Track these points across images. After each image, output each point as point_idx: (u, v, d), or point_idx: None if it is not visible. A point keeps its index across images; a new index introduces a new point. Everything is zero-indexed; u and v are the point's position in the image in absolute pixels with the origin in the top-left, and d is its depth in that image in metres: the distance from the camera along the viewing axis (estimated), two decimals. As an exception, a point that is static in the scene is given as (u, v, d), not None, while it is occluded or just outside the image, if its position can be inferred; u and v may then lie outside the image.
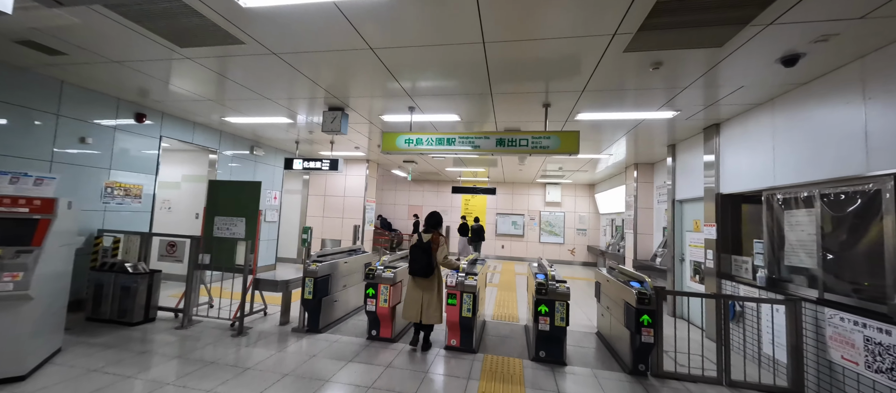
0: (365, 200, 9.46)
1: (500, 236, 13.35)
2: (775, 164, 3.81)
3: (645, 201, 7.96)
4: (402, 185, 14.28)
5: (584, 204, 12.87)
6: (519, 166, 9.54)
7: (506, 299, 6.73)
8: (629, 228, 8.33)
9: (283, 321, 4.57)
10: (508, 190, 13.44)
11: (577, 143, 4.21)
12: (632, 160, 7.96)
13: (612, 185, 10.41)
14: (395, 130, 5.46)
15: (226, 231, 4.72)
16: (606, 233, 11.76)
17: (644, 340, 3.36)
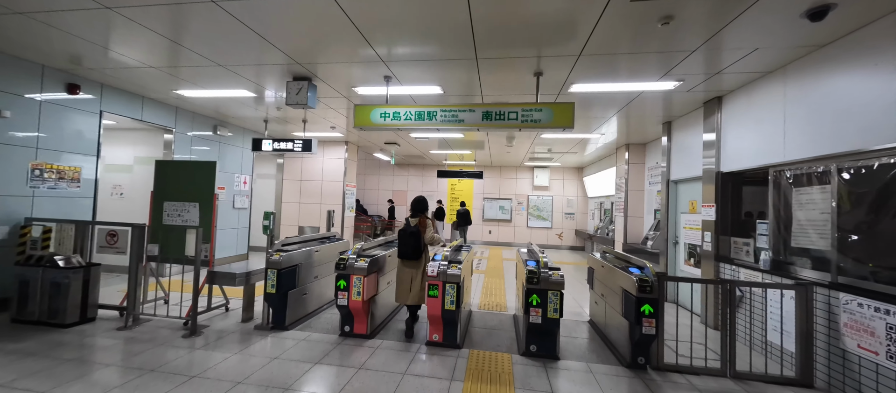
0: (344, 185, 8.91)
1: (488, 221, 13.03)
2: (786, 138, 3.49)
3: (636, 183, 7.69)
4: (385, 169, 13.71)
5: (573, 188, 12.63)
6: (506, 148, 9.13)
7: (493, 287, 6.40)
8: (619, 211, 8.08)
9: (246, 317, 4.09)
10: (496, 174, 13.05)
11: (571, 116, 3.80)
12: (623, 140, 7.64)
13: (601, 167, 10.14)
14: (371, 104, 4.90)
15: (177, 218, 4.16)
16: (595, 216, 11.57)
17: (645, 331, 3.05)
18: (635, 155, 7.73)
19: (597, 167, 10.61)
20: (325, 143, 8.99)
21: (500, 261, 9.33)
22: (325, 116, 6.46)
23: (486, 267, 8.32)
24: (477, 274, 7.46)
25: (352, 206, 9.35)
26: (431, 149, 9.83)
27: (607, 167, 9.55)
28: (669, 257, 5.74)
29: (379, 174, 13.79)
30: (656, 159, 7.04)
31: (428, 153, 10.59)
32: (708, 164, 4.65)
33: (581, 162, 11.47)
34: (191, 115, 6.39)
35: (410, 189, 13.57)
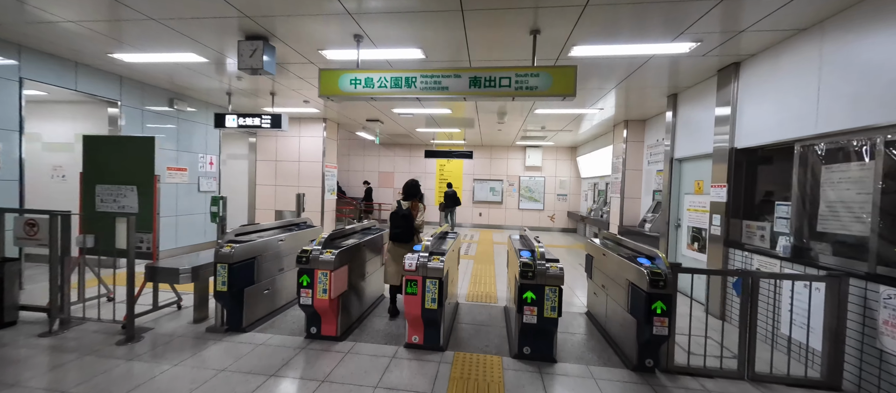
0: (323, 166, 8.26)
1: (478, 203, 12.57)
2: (819, 107, 3.02)
3: (634, 162, 7.25)
4: (370, 149, 13.02)
5: (566, 168, 12.19)
6: (498, 125, 8.55)
7: (483, 275, 5.97)
8: (615, 191, 7.67)
9: (199, 318, 3.56)
10: (486, 154, 12.50)
11: (573, 82, 3.25)
12: (622, 117, 7.14)
13: (596, 146, 9.68)
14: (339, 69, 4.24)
15: (112, 204, 3.55)
16: (588, 198, 11.21)
17: (656, 332, 2.63)
18: (634, 132, 7.25)
19: (592, 146, 10.15)
20: (301, 120, 8.26)
21: (491, 245, 8.91)
22: (295, 88, 5.76)
23: (475, 252, 7.90)
24: (466, 260, 7.03)
25: (332, 188, 8.73)
26: (418, 127, 9.19)
27: (603, 146, 9.09)
28: (670, 241, 5.36)
29: (364, 155, 13.10)
30: (657, 136, 6.58)
31: (414, 132, 9.95)
32: (720, 139, 4.19)
33: (575, 141, 10.99)
34: (139, 87, 5.62)
35: (397, 171, 12.96)
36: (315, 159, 8.26)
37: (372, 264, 4.14)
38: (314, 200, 8.27)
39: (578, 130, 8.95)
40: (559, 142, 11.07)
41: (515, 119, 7.73)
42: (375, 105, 6.88)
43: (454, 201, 11.15)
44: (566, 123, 8.07)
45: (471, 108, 6.92)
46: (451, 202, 11.10)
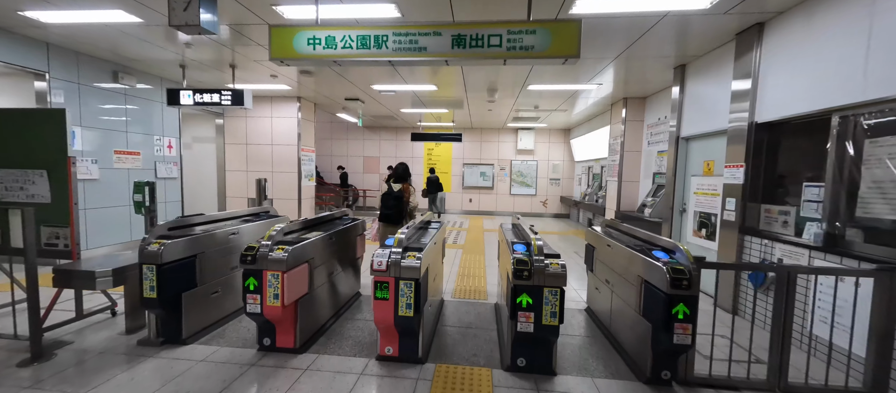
0: (299, 149, 7.59)
1: (468, 189, 12.05)
2: (868, 70, 2.54)
3: (633, 143, 6.79)
4: (354, 132, 12.31)
5: (559, 151, 11.71)
6: (487, 105, 7.96)
7: (472, 266, 5.50)
8: (612, 174, 7.22)
9: (133, 327, 3.00)
10: (476, 137, 11.92)
11: (576, 40, 2.69)
12: (621, 94, 6.63)
13: (592, 127, 9.18)
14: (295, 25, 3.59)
15: (19, 192, 2.91)
16: (582, 182, 10.78)
17: (678, 340, 2.17)
18: (633, 111, 6.76)
19: (587, 128, 9.65)
20: (273, 100, 7.53)
21: (481, 233, 8.44)
22: (257, 59, 5.07)
23: (464, 240, 7.42)
24: (453, 249, 6.54)
25: (310, 173, 8.09)
26: (403, 107, 8.54)
27: (599, 127, 8.60)
28: (674, 227, 4.94)
29: (347, 139, 12.38)
30: (659, 114, 6.10)
31: (399, 113, 9.29)
32: (737, 114, 3.71)
33: (568, 123, 10.48)
34: (74, 57, 4.86)
35: (383, 155, 12.31)
36: (289, 142, 7.57)
37: (343, 261, 3.60)
38: (289, 187, 7.63)
39: (573, 111, 8.43)
40: (552, 123, 10.54)
41: (507, 97, 7.15)
42: (353, 81, 6.22)
43: (437, 187, 10.65)
44: (560, 102, 7.53)
45: (459, 85, 6.31)
46: (433, 188, 10.60)
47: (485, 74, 5.66)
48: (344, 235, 3.61)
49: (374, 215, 4.30)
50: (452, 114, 9.64)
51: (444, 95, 7.18)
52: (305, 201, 7.89)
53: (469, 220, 10.63)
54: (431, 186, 10.85)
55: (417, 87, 6.36)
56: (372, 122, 11.03)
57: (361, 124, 10.30)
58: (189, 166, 7.72)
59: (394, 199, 3.94)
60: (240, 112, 7.59)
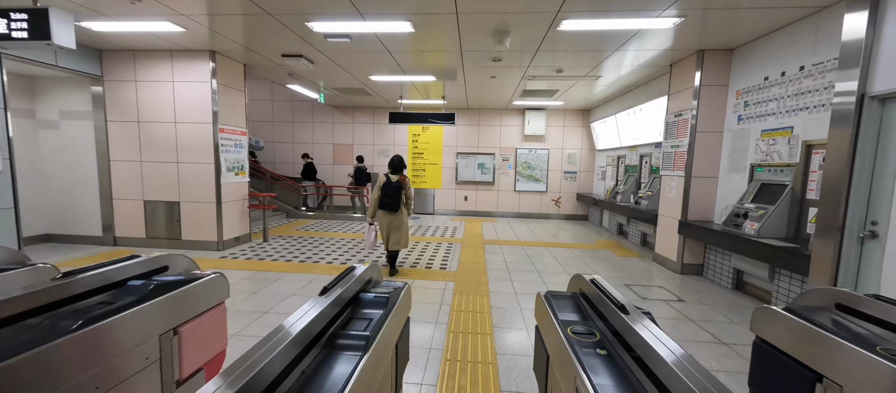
0: (216, 129, 5.20)
1: (463, 185, 9.77)
2: None
3: (710, 120, 4.54)
4: (321, 114, 9.90)
5: (575, 138, 9.44)
6: (492, 67, 5.63)
7: (469, 327, 3.21)
8: (672, 167, 4.98)
9: None
10: (473, 119, 9.59)
11: None
12: (692, 43, 4.35)
13: (624, 104, 6.92)
14: None
15: None
16: (605, 176, 8.56)
17: None
18: (713, 70, 4.49)
19: (618, 105, 7.38)
20: (173, 56, 5.10)
21: (480, 249, 6.16)
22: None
23: (458, 260, 5.14)
24: (438, 282, 4.25)
25: (238, 164, 5.71)
26: (374, 72, 6.17)
27: (640, 101, 6.34)
28: (845, 263, 2.71)
29: (312, 122, 9.97)
30: (768, 73, 3.84)
31: (370, 82, 6.91)
32: None
33: (588, 101, 8.20)
34: None
35: (358, 143, 9.93)
36: (201, 119, 5.17)
37: None
38: (203, 185, 5.26)
39: (603, 79, 6.13)
40: (570, 101, 8.25)
41: (522, 51, 4.83)
42: (285, 22, 3.84)
43: (366, 178, 9.00)
44: (593, 63, 5.22)
45: (450, 25, 3.96)
46: (361, 178, 8.91)
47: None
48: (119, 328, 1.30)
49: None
50: (443, 87, 7.30)
51: (429, 47, 4.82)
52: (230, 206, 5.53)
53: (464, 224, 8.36)
54: (360, 177, 8.77)
55: (383, 25, 3.98)
56: (340, 99, 8.64)
57: (323, 100, 7.93)
58: (57, 155, 5.31)
59: (394, 188, 4.28)
60: (126, 75, 5.16)
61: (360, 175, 8.96)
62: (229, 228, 5.49)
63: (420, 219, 9.04)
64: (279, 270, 4.47)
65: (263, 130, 10.12)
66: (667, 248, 5.04)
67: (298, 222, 7.97)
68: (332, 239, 6.35)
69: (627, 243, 6.65)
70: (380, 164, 9.84)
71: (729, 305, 3.71)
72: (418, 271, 4.56)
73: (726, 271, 4.28)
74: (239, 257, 4.99)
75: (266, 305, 3.40)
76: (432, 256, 5.30)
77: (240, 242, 5.76)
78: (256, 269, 4.50)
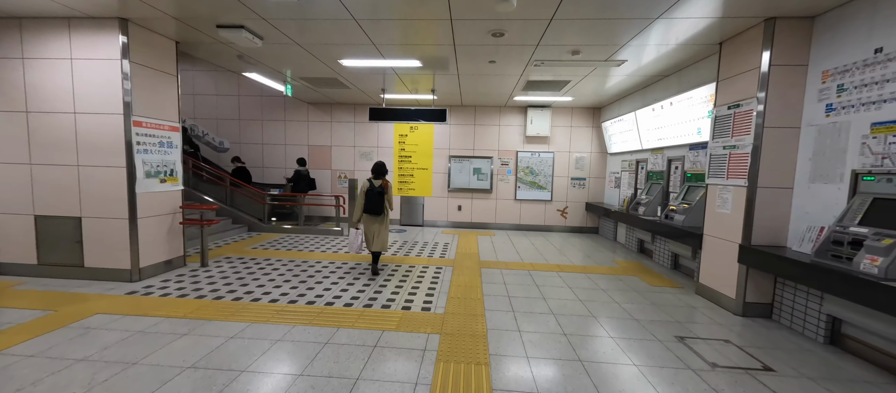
0: (129, 124, 3.96)
1: (456, 193, 8.57)
2: None
3: (782, 112, 3.41)
4: (295, 112, 8.68)
5: (584, 139, 8.31)
6: (491, 49, 4.48)
7: None
8: (727, 174, 3.83)
9: None
10: (468, 118, 8.43)
11: None
12: (757, 10, 3.22)
13: (645, 100, 5.80)
14: None
15: None
16: (618, 183, 7.43)
17: None
18: (789, 46, 3.36)
19: (639, 100, 6.25)
20: (70, 23, 3.86)
21: (476, 275, 4.95)
22: None
23: (444, 302, 3.92)
24: (416, 338, 3.04)
25: (167, 168, 4.46)
26: (343, 55, 4.99)
27: (662, 98, 5.21)
28: None
29: (284, 120, 8.75)
30: (878, 44, 2.71)
31: (341, 69, 5.73)
32: None
33: (599, 98, 7.09)
34: None
35: (336, 144, 8.72)
36: (109, 109, 3.93)
37: None
38: (112, 198, 4.00)
39: (629, 64, 5.00)
40: (579, 97, 7.13)
41: (515, 57, 3.67)
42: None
43: (308, 184, 7.95)
44: (620, 45, 4.08)
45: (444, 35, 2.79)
46: (303, 185, 7.79)
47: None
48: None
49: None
50: (433, 80, 6.14)
51: (409, 14, 3.65)
52: (154, 222, 4.27)
53: (456, 238, 7.15)
54: (300, 183, 7.66)
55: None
56: (313, 93, 7.43)
57: (290, 93, 6.72)
58: None
59: (376, 193, 4.43)
60: (9, 51, 3.92)
61: (300, 180, 7.74)
62: (151, 250, 4.23)
63: (407, 232, 7.82)
64: (210, 315, 3.23)
65: (229, 130, 8.88)
66: (718, 278, 3.88)
67: (260, 238, 6.71)
68: (296, 263, 5.10)
69: (654, 266, 5.49)
70: (362, 169, 8.63)
71: (848, 378, 2.53)
72: (392, 316, 3.35)
73: (813, 318, 3.12)
74: (155, 293, 3.74)
75: None
76: (413, 289, 4.09)
77: (171, 268, 4.51)
78: (172, 314, 3.25)
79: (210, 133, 8.90)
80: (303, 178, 7.79)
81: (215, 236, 6.40)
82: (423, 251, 5.99)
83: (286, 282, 4.21)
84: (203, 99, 8.83)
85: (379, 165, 4.54)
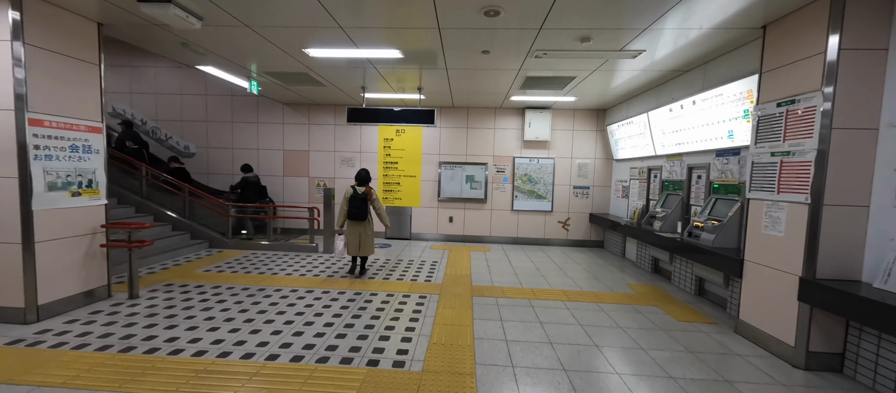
0: (24, 121, 3.12)
1: (447, 202, 7.78)
2: None
3: (855, 111, 2.66)
4: (269, 113, 7.85)
5: (587, 144, 7.58)
6: (480, 51, 3.71)
7: None
8: (778, 189, 3.07)
9: None
10: (459, 121, 7.66)
11: None
12: (841, -26, 2.48)
13: (659, 99, 5.07)
14: None
15: None
16: (628, 192, 6.68)
17: None
18: (863, 26, 2.63)
19: (654, 99, 5.54)
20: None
21: (466, 308, 4.16)
22: None
23: (424, 359, 3.11)
24: None
25: (83, 180, 3.60)
26: (307, 43, 4.20)
27: (683, 95, 4.48)
28: None
29: (257, 122, 7.91)
30: None
31: (309, 61, 4.93)
32: None
33: (603, 98, 6.38)
34: None
35: (314, 149, 7.89)
36: None
37: None
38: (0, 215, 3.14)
39: (646, 55, 4.27)
40: (583, 97, 6.39)
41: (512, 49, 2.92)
42: None
43: (258, 192, 7.09)
44: (641, 29, 3.33)
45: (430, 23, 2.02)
46: (252, 191, 6.93)
47: None
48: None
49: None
50: (419, 76, 5.37)
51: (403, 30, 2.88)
52: (64, 246, 3.42)
53: (446, 255, 6.34)
54: (248, 191, 6.86)
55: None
56: (284, 91, 6.62)
57: (256, 90, 5.91)
58: None
59: (360, 200, 4.64)
60: None
61: (247, 188, 6.90)
62: (58, 282, 3.37)
63: (392, 246, 7.00)
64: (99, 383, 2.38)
65: (195, 133, 8.01)
66: (768, 317, 3.12)
67: (221, 256, 5.85)
68: (251, 291, 4.25)
69: (674, 291, 4.72)
70: (343, 176, 7.81)
71: None
72: (353, 377, 2.52)
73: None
74: (47, 342, 2.88)
75: None
76: (388, 329, 3.27)
77: (92, 300, 3.65)
78: (45, 381, 2.39)
79: (174, 136, 8.03)
80: (251, 185, 6.96)
81: (165, 256, 5.52)
82: (407, 272, 5.16)
83: (228, 320, 3.36)
84: (167, 99, 7.97)
85: (362, 173, 4.77)
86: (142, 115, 8.03)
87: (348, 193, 4.71)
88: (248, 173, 7.04)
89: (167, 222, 6.26)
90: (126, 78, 7.96)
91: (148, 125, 8.02)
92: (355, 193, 4.67)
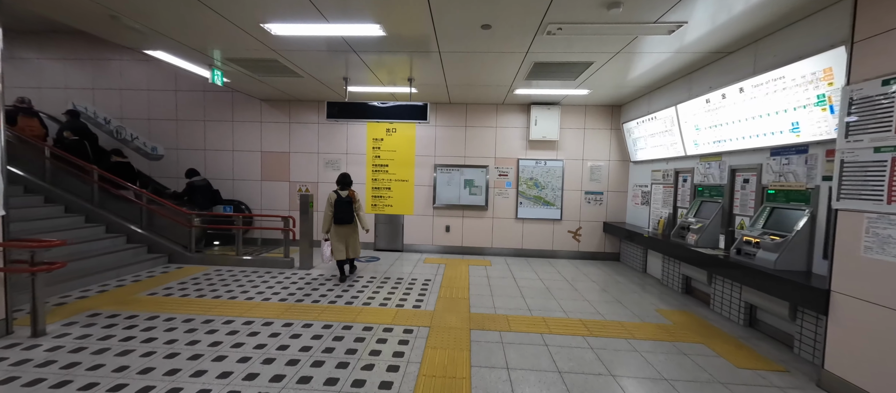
0: None
1: (444, 210, 6.95)
2: None
3: None
4: (246, 112, 7.07)
5: (600, 144, 6.76)
6: (478, 25, 2.90)
7: None
8: (889, 198, 2.23)
9: None
10: (457, 118, 6.86)
11: None
12: None
13: (690, 89, 4.26)
14: None
15: None
16: (649, 199, 5.85)
17: None
18: None
19: (684, 89, 4.73)
20: None
21: (462, 350, 3.32)
22: None
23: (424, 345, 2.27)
24: None
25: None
26: (267, 18, 3.42)
27: (725, 83, 3.66)
28: None
29: (232, 121, 7.12)
30: None
31: (272, 41, 4.15)
32: None
33: (620, 92, 5.58)
34: None
35: (294, 150, 7.10)
36: None
37: None
38: None
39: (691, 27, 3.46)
40: (597, 90, 5.58)
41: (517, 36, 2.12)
42: None
43: (208, 197, 6.38)
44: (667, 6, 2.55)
45: None
46: (199, 196, 6.25)
47: None
48: None
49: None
50: (409, 64, 4.59)
51: None
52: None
53: (441, 270, 5.50)
54: (196, 197, 6.15)
55: None
56: (261, 85, 5.83)
57: (220, 82, 5.11)
58: None
59: (345, 203, 4.68)
60: None
61: (194, 193, 6.17)
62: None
63: (381, 260, 6.16)
64: None
65: (165, 132, 7.23)
66: (873, 374, 2.27)
67: (178, 274, 5.02)
68: (197, 323, 3.42)
69: (717, 320, 3.87)
70: (328, 180, 7.01)
71: None
72: None
73: None
74: None
75: None
76: (353, 388, 2.43)
77: (-20, 340, 2.81)
78: None
79: (140, 136, 7.24)
80: (198, 190, 6.19)
81: (112, 273, 4.69)
82: (394, 294, 4.33)
83: (145, 372, 2.53)
84: (133, 95, 7.19)
85: (344, 176, 4.79)
86: (105, 114, 7.25)
87: (332, 199, 4.70)
88: (193, 178, 6.28)
89: (121, 233, 5.44)
90: (89, 72, 7.19)
91: (112, 124, 7.24)
92: (340, 198, 4.68)
